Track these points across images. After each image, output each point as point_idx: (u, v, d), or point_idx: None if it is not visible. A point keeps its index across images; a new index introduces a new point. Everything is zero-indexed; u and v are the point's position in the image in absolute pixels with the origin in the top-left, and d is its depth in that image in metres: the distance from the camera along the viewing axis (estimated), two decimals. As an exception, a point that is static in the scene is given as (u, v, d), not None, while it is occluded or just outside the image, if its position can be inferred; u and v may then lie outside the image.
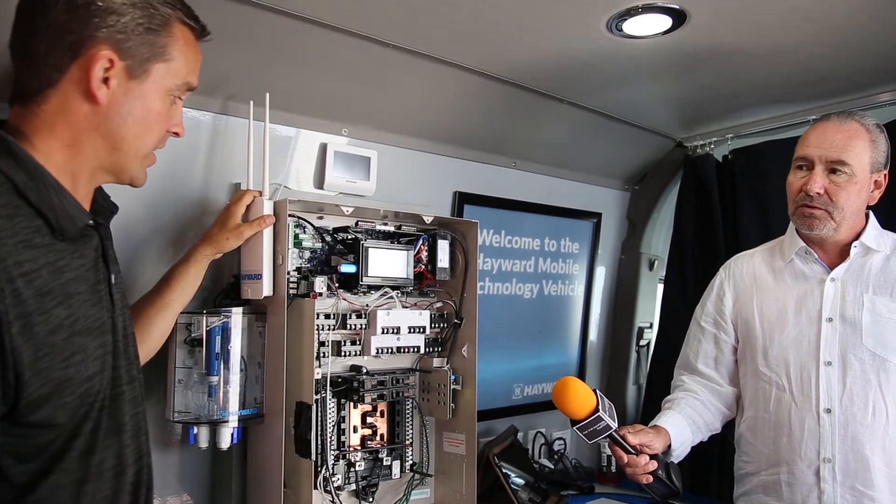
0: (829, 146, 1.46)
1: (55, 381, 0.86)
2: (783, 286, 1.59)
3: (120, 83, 0.94)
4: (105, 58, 0.92)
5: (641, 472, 1.44)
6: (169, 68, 0.99)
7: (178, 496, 1.60)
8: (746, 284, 1.65)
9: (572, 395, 1.41)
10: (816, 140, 1.49)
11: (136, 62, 0.95)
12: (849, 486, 1.43)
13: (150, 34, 0.96)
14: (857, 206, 1.49)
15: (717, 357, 1.68)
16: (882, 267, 1.50)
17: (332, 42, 1.58)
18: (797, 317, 1.54)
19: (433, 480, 1.85)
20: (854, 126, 1.47)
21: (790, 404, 1.51)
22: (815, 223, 1.48)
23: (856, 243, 1.51)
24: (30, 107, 0.93)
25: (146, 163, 1.04)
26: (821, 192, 1.46)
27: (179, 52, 1.00)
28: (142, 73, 0.96)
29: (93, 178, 1.00)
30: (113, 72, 0.93)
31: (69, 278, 0.90)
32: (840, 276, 1.52)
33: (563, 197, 2.51)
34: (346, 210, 1.64)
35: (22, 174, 0.88)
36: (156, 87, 0.98)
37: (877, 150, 1.48)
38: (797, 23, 1.59)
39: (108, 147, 0.97)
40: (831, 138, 1.47)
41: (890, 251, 1.51)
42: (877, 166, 1.49)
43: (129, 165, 1.01)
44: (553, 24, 1.59)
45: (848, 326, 1.47)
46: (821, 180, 1.46)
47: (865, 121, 1.49)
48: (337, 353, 1.65)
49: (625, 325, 2.78)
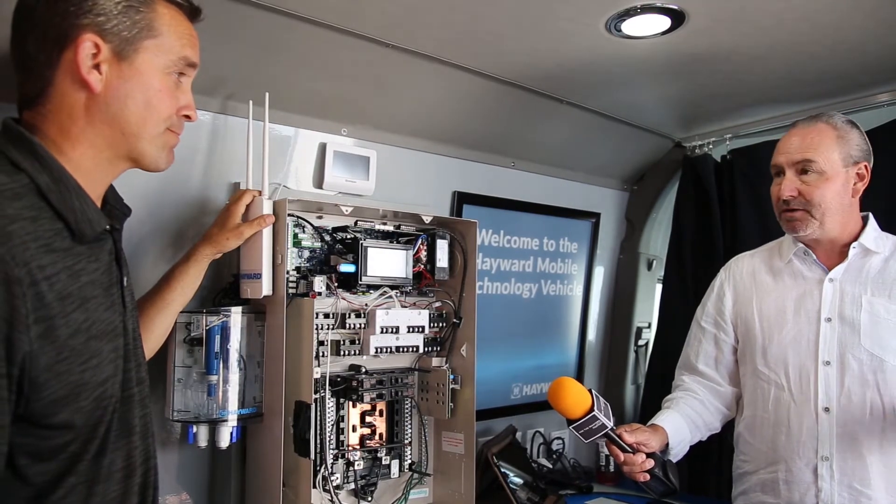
0: (795, 149, 1.51)
1: (73, 384, 0.87)
2: (782, 286, 1.60)
3: (111, 67, 0.94)
4: (89, 42, 0.92)
5: (638, 470, 1.44)
6: (159, 44, 0.97)
7: (177, 495, 1.61)
8: (746, 285, 1.66)
9: (567, 394, 1.42)
10: (784, 147, 1.55)
11: (122, 43, 0.94)
12: (846, 484, 1.44)
13: (132, 12, 0.95)
14: (839, 202, 1.50)
15: (718, 357, 1.68)
16: (881, 269, 1.51)
17: (332, 42, 1.58)
18: (796, 316, 1.55)
19: (432, 480, 1.85)
20: (819, 126, 1.51)
21: (789, 403, 1.52)
22: (797, 225, 1.51)
23: (854, 244, 1.52)
24: (36, 109, 0.94)
25: (163, 143, 1.02)
26: (794, 195, 1.50)
27: (167, 27, 0.98)
28: (132, 53, 0.95)
29: (112, 166, 0.99)
30: (101, 56, 0.93)
31: (85, 282, 0.90)
32: (838, 276, 1.52)
33: (562, 197, 2.51)
34: (346, 210, 1.64)
35: (45, 176, 0.89)
36: (149, 66, 0.97)
37: (847, 144, 1.50)
38: (795, 23, 1.60)
39: (115, 134, 0.96)
40: (796, 142, 1.52)
41: (889, 253, 1.52)
42: (851, 160, 1.51)
43: (143, 149, 1.00)
44: (552, 25, 1.59)
45: (846, 327, 1.48)
46: (790, 184, 1.50)
47: (833, 119, 1.52)
48: (336, 353, 1.65)
49: (623, 324, 2.78)
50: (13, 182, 0.86)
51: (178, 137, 1.05)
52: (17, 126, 0.92)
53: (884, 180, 2.01)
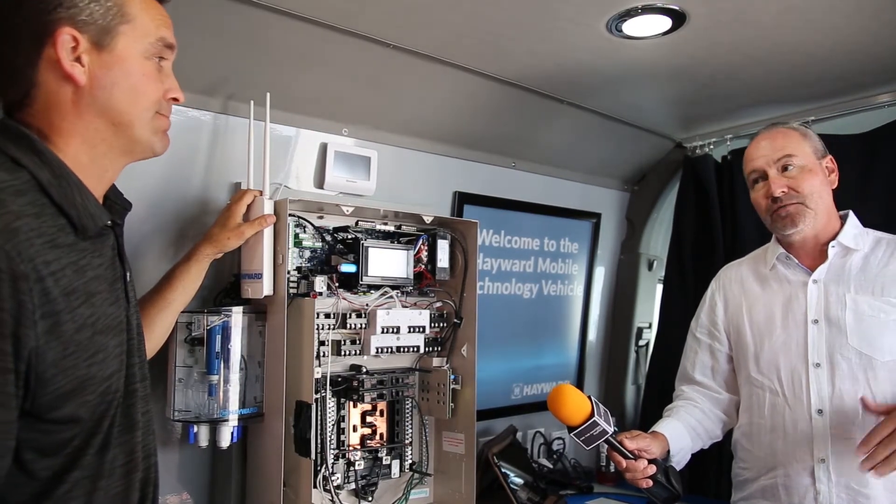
0: (771, 149, 1.54)
1: (79, 378, 0.87)
2: (769, 292, 1.60)
3: (92, 58, 0.94)
4: (67, 35, 0.91)
5: (640, 476, 1.44)
6: (135, 28, 0.97)
7: (177, 495, 1.61)
8: (735, 293, 1.67)
9: (567, 401, 1.41)
10: (757, 151, 1.57)
11: (98, 32, 0.94)
12: (843, 485, 1.44)
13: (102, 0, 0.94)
14: (825, 193, 1.53)
15: (714, 367, 1.69)
16: (862, 266, 1.51)
17: (333, 42, 1.59)
18: (784, 321, 1.55)
19: (432, 480, 1.86)
20: (782, 130, 1.58)
21: (784, 407, 1.52)
22: (796, 219, 1.51)
23: (833, 243, 1.52)
24: (24, 111, 0.94)
25: (157, 127, 1.02)
26: (785, 190, 1.51)
27: (139, 10, 0.98)
28: (110, 41, 0.95)
29: (111, 163, 0.99)
30: (81, 48, 0.92)
31: (90, 277, 0.91)
32: (822, 277, 1.53)
33: (563, 197, 2.51)
34: (347, 210, 1.64)
35: (46, 172, 0.89)
36: (129, 51, 0.97)
37: (811, 140, 1.57)
38: (795, 23, 1.60)
39: (107, 125, 0.96)
40: (769, 144, 1.55)
41: (869, 249, 1.52)
42: (819, 153, 1.56)
43: (137, 137, 1.00)
44: (553, 25, 1.60)
45: (833, 327, 1.48)
46: (779, 180, 1.52)
47: (790, 124, 1.59)
48: (337, 353, 1.65)
49: (624, 325, 2.78)
50: (15, 179, 0.86)
51: (168, 121, 1.05)
52: (14, 124, 0.92)
53: (884, 181, 2.02)
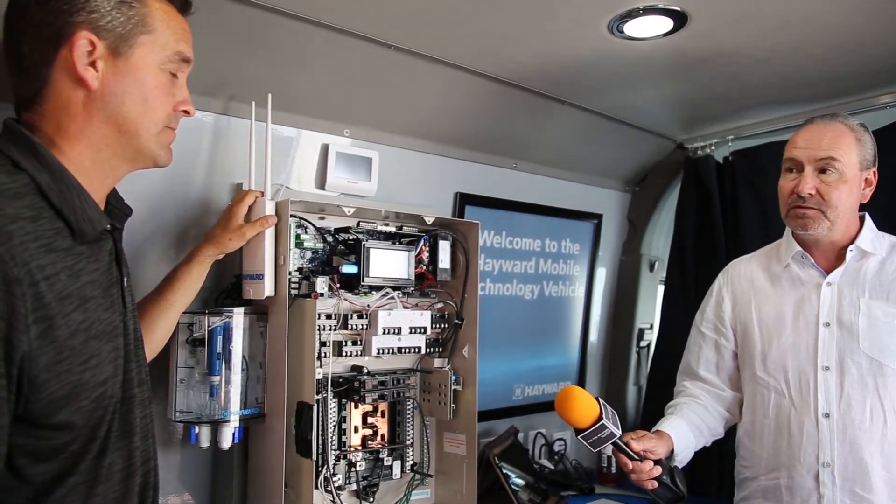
0: (817, 146, 1.48)
1: (72, 384, 0.87)
2: (780, 291, 1.59)
3: (107, 64, 0.94)
4: (84, 39, 0.92)
5: (647, 478, 1.43)
6: (154, 40, 0.97)
7: (178, 495, 1.61)
8: (744, 289, 1.65)
9: (576, 404, 1.39)
10: (804, 142, 1.51)
11: (117, 39, 0.94)
12: (848, 489, 1.43)
13: (125, 8, 0.95)
14: (850, 205, 1.50)
15: (718, 362, 1.68)
16: (878, 271, 1.49)
17: (334, 43, 1.59)
18: (795, 322, 1.54)
19: (433, 481, 1.85)
20: (839, 126, 1.50)
21: (790, 409, 1.51)
22: (808, 223, 1.49)
23: (851, 247, 1.51)
24: (34, 109, 0.94)
25: (163, 140, 1.03)
26: (812, 193, 1.47)
27: (161, 22, 0.98)
28: (127, 49, 0.95)
29: (113, 169, 1.00)
30: (97, 53, 0.93)
31: (85, 282, 0.90)
32: (836, 280, 1.51)
33: (564, 198, 2.51)
34: (348, 210, 1.64)
35: (46, 175, 0.89)
36: (145, 62, 0.97)
37: (864, 147, 1.50)
38: (797, 24, 1.60)
39: (114, 132, 0.96)
40: (818, 139, 1.49)
41: (886, 254, 1.51)
42: (865, 164, 1.50)
43: (142, 146, 1.00)
44: (554, 26, 1.59)
45: (845, 331, 1.47)
46: (811, 181, 1.47)
47: (849, 121, 1.51)
48: (338, 354, 1.65)
49: (625, 326, 2.78)
50: (13, 182, 0.86)
51: (174, 134, 1.05)
52: (18, 126, 0.93)
53: (886, 181, 2.01)
